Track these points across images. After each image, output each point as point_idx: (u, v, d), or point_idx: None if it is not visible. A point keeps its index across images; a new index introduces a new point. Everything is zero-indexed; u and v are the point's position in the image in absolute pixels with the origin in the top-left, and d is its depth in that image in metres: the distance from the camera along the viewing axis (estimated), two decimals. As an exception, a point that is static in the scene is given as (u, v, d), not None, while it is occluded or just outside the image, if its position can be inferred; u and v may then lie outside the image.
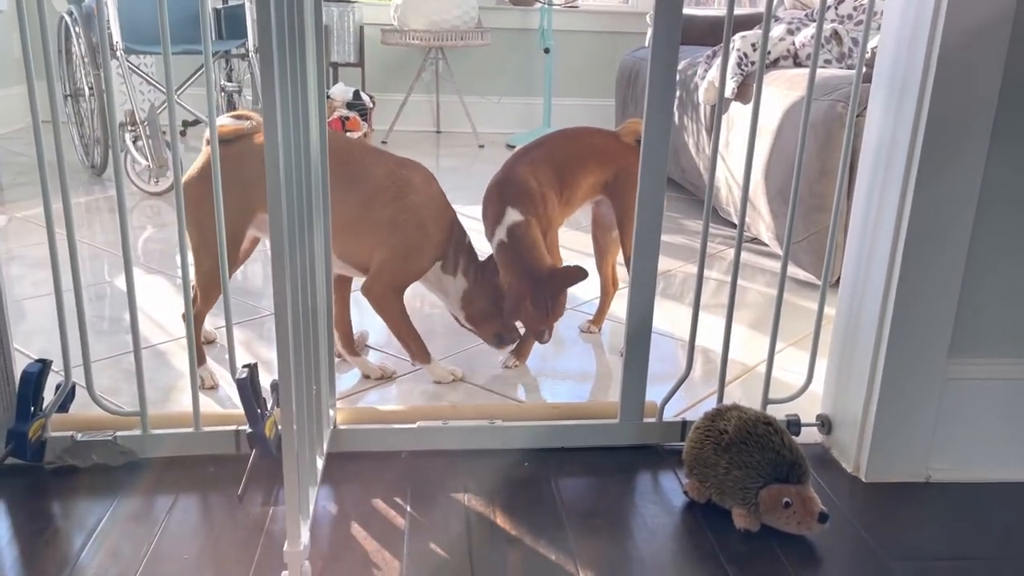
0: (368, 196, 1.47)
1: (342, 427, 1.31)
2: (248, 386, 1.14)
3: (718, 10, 4.03)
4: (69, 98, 3.32)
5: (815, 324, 1.31)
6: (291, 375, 0.97)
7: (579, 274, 1.49)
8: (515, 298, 1.49)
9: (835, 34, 2.46)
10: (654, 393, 1.37)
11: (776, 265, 2.33)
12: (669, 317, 1.94)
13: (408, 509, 1.16)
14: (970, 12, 1.09)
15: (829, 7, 2.81)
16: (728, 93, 2.53)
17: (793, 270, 2.29)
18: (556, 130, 1.75)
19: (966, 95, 1.12)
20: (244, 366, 1.15)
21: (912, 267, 1.18)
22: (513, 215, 1.53)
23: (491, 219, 1.56)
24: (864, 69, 1.96)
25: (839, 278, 1.35)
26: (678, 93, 3.01)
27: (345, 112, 3.57)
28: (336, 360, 1.65)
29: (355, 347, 1.63)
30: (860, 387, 1.26)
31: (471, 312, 1.54)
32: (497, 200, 1.56)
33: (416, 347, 1.54)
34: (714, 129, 1.24)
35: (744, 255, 2.51)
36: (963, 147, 1.14)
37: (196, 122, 3.98)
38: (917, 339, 1.20)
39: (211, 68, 1.17)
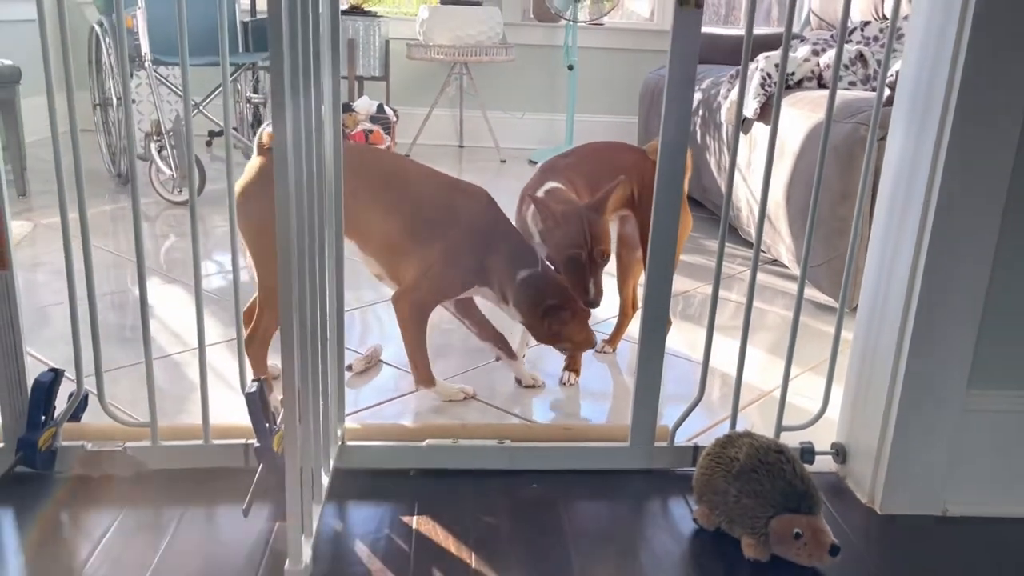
0: (414, 217, 1.49)
1: (350, 443, 1.31)
2: (257, 400, 1.14)
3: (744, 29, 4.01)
4: (98, 107, 3.37)
5: (831, 350, 1.29)
6: (296, 390, 0.97)
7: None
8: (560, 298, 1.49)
9: (860, 56, 2.44)
10: (669, 416, 1.36)
11: (794, 285, 2.31)
12: (687, 339, 1.92)
13: (414, 528, 1.15)
14: (993, 36, 1.08)
15: (855, 29, 2.79)
16: (750, 113, 2.51)
17: (813, 294, 2.27)
18: (586, 143, 1.75)
19: (988, 121, 1.10)
20: (254, 380, 1.15)
21: (931, 294, 1.16)
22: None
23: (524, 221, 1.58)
24: (888, 92, 1.94)
25: (858, 304, 1.33)
26: (701, 112, 3.00)
27: (369, 125, 3.60)
28: (349, 374, 1.66)
29: (513, 353, 1.66)
30: (876, 416, 1.24)
31: (536, 336, 1.53)
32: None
33: (422, 371, 1.54)
34: (732, 149, 1.23)
35: (764, 277, 2.48)
36: (985, 174, 1.12)
37: (222, 132, 4.02)
38: (935, 368, 1.18)
39: (227, 78, 1.18)
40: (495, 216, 1.52)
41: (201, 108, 3.29)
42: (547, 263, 1.52)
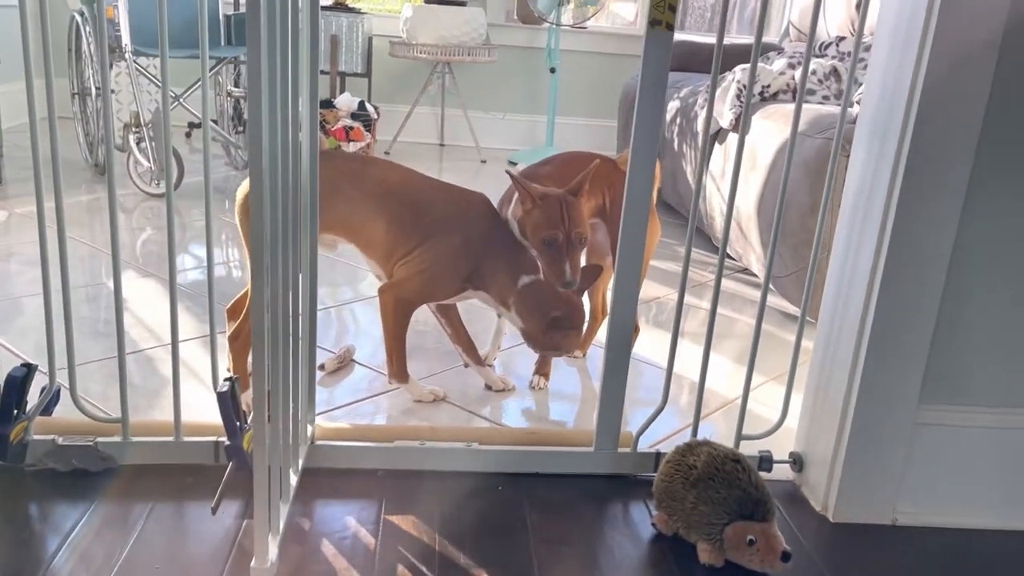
0: (416, 223, 1.51)
1: (320, 443, 1.33)
2: (228, 398, 1.16)
3: (729, 37, 4.05)
4: (76, 96, 3.36)
5: (791, 360, 1.33)
6: (265, 389, 0.99)
7: (594, 272, 1.53)
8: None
9: (834, 71, 2.48)
10: (636, 422, 1.39)
11: (767, 298, 2.35)
12: (659, 345, 1.95)
13: (380, 528, 1.18)
14: (952, 59, 1.11)
15: (830, 44, 2.84)
16: (726, 124, 2.55)
17: (781, 304, 2.31)
18: (561, 153, 1.78)
19: (946, 142, 1.14)
20: (225, 379, 1.17)
21: (887, 309, 1.20)
22: None
23: None
24: (856, 107, 1.98)
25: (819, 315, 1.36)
26: (679, 120, 3.04)
27: (349, 122, 3.61)
28: (321, 374, 1.67)
29: (481, 357, 1.68)
30: (832, 426, 1.28)
31: (531, 343, 1.55)
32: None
33: (397, 366, 1.56)
34: (699, 159, 1.26)
35: (734, 286, 2.52)
36: (941, 193, 1.16)
37: (201, 125, 4.01)
38: (889, 382, 1.22)
39: (207, 71, 1.19)
40: (494, 222, 1.55)
41: (181, 100, 3.29)
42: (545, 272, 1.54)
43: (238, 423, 1.17)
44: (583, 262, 1.83)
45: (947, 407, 1.24)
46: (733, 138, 2.56)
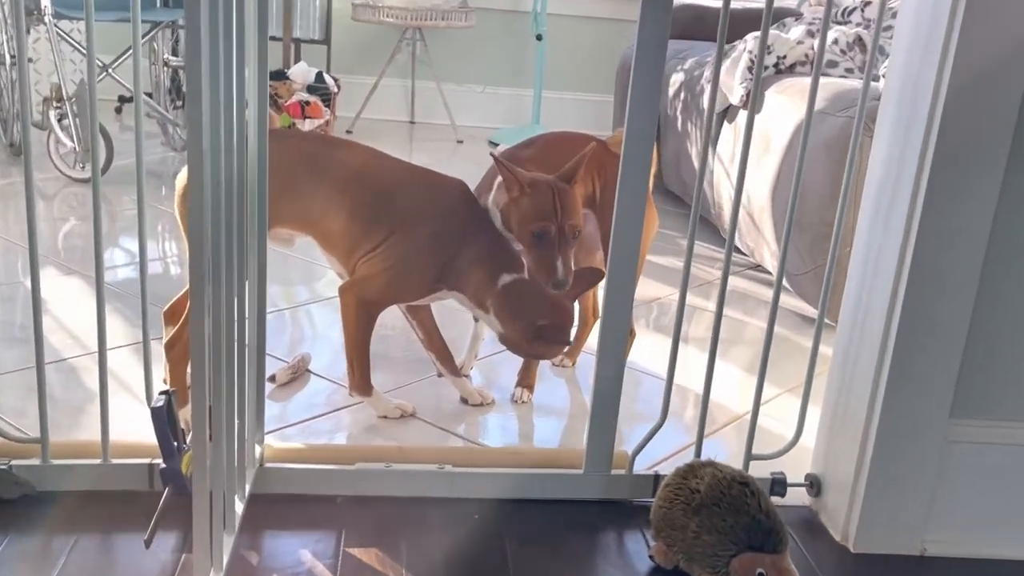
0: (382, 213, 1.52)
1: (270, 465, 1.33)
2: (164, 415, 1.16)
3: (739, 1, 4.07)
4: (-11, 66, 3.33)
5: (807, 370, 1.34)
6: (206, 405, 0.99)
7: (591, 277, 1.54)
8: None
9: (859, 40, 2.51)
10: (633, 440, 1.40)
11: (782, 297, 2.37)
12: (660, 353, 1.97)
13: (339, 563, 1.18)
14: (989, 26, 1.12)
15: (854, 9, 2.86)
16: (736, 100, 2.57)
17: (798, 305, 2.33)
18: (544, 133, 1.78)
19: (982, 122, 1.15)
20: (161, 392, 1.17)
21: (914, 311, 1.22)
22: None
23: None
24: (881, 81, 2.00)
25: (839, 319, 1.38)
26: (683, 95, 3.05)
27: (305, 96, 3.60)
28: (272, 386, 1.67)
29: (457, 367, 1.69)
30: (853, 445, 1.29)
31: (511, 349, 1.56)
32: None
33: (359, 376, 1.56)
34: (704, 141, 1.27)
35: (745, 285, 2.55)
36: (975, 178, 1.17)
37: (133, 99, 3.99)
38: (917, 394, 1.24)
39: (139, 37, 1.19)
40: (472, 211, 1.55)
41: (110, 71, 3.27)
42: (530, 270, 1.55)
43: (175, 443, 1.17)
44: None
45: (982, 422, 1.26)
46: (744, 117, 2.58)
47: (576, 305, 1.87)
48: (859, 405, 1.29)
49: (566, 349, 1.90)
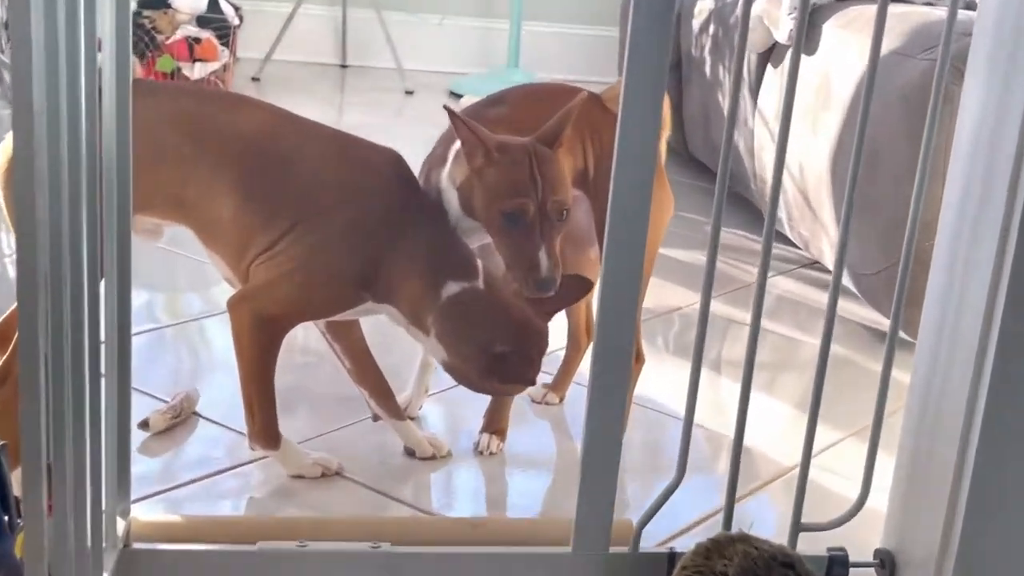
0: (280, 195, 1.52)
1: (138, 546, 1.32)
2: (-11, 479, 1.15)
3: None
4: None
5: (876, 407, 1.34)
6: (43, 464, 0.98)
7: (577, 288, 1.55)
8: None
9: (948, -47, 2.52)
10: (638, 505, 1.40)
11: (848, 305, 2.38)
12: (679, 384, 1.96)
13: None
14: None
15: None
16: (783, 37, 2.58)
17: (868, 316, 2.34)
18: (522, 85, 1.77)
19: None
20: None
21: (1020, 324, 1.22)
22: None
23: None
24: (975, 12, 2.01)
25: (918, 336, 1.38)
26: (712, 30, 3.07)
27: (194, 31, 3.59)
28: (144, 435, 1.65)
29: (400, 408, 1.69)
30: (938, 509, 1.29)
31: (461, 382, 1.55)
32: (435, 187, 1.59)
33: (261, 421, 1.55)
34: (731, 91, 1.27)
35: (797, 289, 2.55)
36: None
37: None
38: (1022, 440, 1.24)
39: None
40: (407, 194, 1.54)
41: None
42: (490, 273, 1.54)
43: (5, 517, 1.16)
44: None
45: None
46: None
47: (564, 319, 1.87)
48: (946, 454, 1.28)
49: (548, 383, 1.90)
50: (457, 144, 1.53)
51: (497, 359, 1.48)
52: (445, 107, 1.50)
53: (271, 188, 1.52)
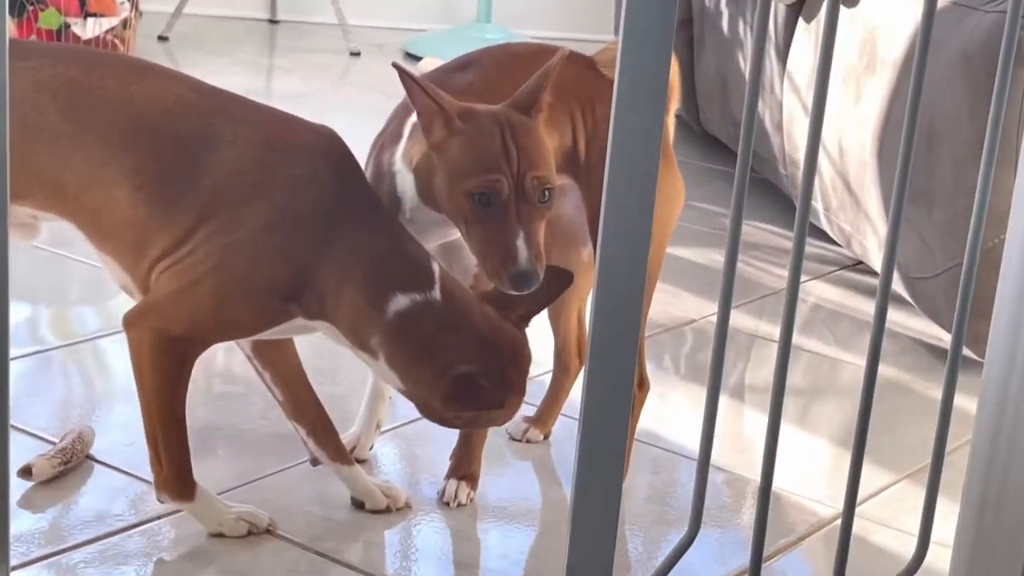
0: (186, 184, 1.52)
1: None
2: None
3: None
4: None
5: (935, 445, 1.35)
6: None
7: (560, 280, 1.56)
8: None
9: None
10: (645, 564, 1.39)
11: (899, 316, 2.39)
12: (694, 413, 1.97)
13: None
14: None
15: None
16: (816, -15, 2.60)
17: (927, 328, 2.35)
18: (495, 46, 1.77)
19: None
20: None
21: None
22: None
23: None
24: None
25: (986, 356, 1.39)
26: (730, -23, 3.08)
27: (89, -17, 3.58)
28: (26, 485, 1.65)
29: (345, 449, 1.69)
30: (1013, 569, 1.30)
31: (425, 414, 1.56)
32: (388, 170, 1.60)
33: (170, 467, 1.55)
34: (754, 51, 1.28)
35: (840, 296, 2.56)
36: None
37: None
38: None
39: None
40: (345, 181, 1.55)
41: None
42: (449, 278, 1.54)
43: None
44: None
45: None
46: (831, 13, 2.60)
47: (550, 336, 1.87)
48: (1022, 500, 1.29)
49: (531, 416, 1.90)
50: (414, 117, 1.54)
51: (461, 382, 1.47)
52: (395, 65, 1.50)
53: (173, 174, 1.51)
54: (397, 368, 1.50)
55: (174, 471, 1.55)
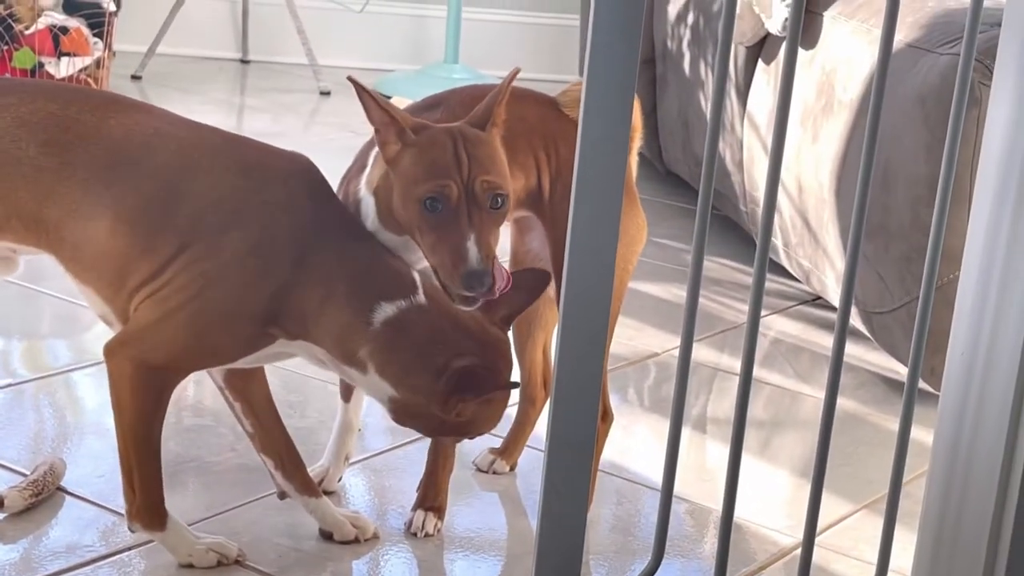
0: (164, 213, 1.52)
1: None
2: None
3: None
4: None
5: (892, 474, 1.35)
6: None
7: (538, 281, 1.58)
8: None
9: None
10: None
11: (857, 350, 2.40)
12: (658, 446, 1.97)
13: None
14: None
15: None
16: (776, 27, 2.61)
17: (884, 363, 2.35)
18: (463, 87, 1.77)
19: None
20: None
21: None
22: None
23: None
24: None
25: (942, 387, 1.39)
26: (691, 19, 3.09)
27: (61, 20, 3.57)
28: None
29: (312, 481, 1.68)
30: (968, 596, 1.30)
31: (411, 425, 1.55)
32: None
33: (143, 496, 1.54)
34: (714, 91, 1.28)
35: (800, 330, 2.57)
36: None
37: None
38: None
39: None
40: (320, 204, 1.55)
41: None
42: (430, 285, 1.54)
43: None
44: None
45: None
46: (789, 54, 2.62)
47: (514, 368, 1.87)
48: (978, 530, 1.29)
49: (496, 448, 1.90)
50: (376, 150, 1.54)
51: (461, 374, 1.47)
52: (350, 79, 1.51)
53: (152, 205, 1.51)
54: (389, 377, 1.50)
55: (147, 500, 1.54)
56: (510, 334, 1.66)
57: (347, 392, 1.77)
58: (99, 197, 1.51)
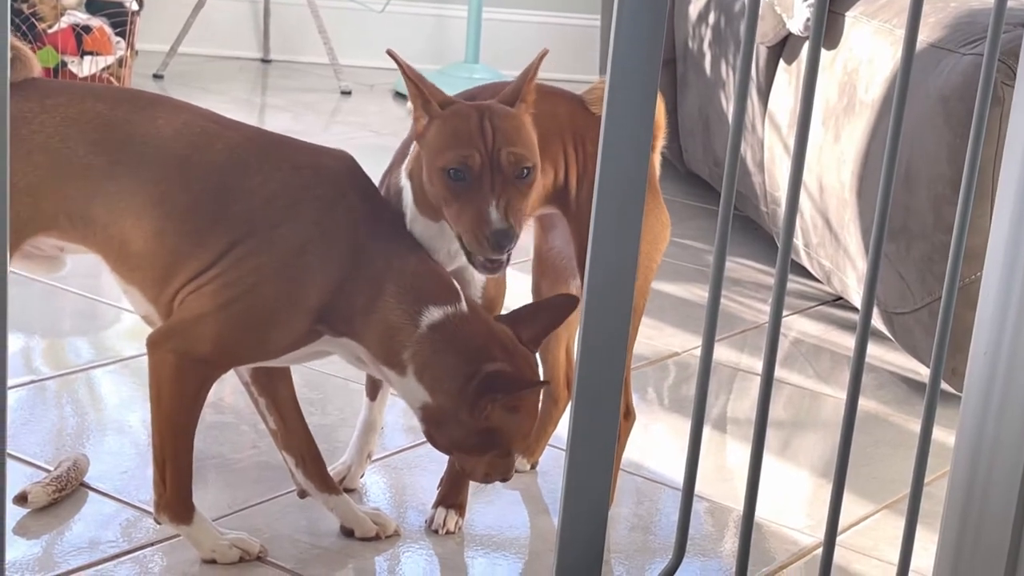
0: (213, 213, 1.53)
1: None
2: None
3: None
4: None
5: (914, 473, 1.35)
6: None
7: (565, 305, 1.58)
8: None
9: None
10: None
11: (879, 351, 2.39)
12: (679, 444, 1.97)
13: None
14: None
15: None
16: (798, 27, 2.61)
17: (905, 363, 2.34)
18: (484, 85, 1.77)
19: None
20: None
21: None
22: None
23: None
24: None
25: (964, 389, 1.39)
26: (712, 19, 3.09)
27: (84, 19, 3.57)
28: (22, 512, 1.64)
29: (332, 479, 1.68)
30: (990, 596, 1.29)
31: (442, 437, 1.55)
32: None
33: (173, 490, 1.54)
34: (737, 91, 1.28)
35: (821, 331, 2.56)
36: None
37: None
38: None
39: None
40: (367, 201, 1.56)
41: None
42: (466, 294, 1.56)
43: None
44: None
45: None
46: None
47: (539, 368, 1.87)
48: (1000, 531, 1.29)
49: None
50: (402, 175, 1.56)
51: (492, 377, 1.48)
52: (389, 51, 1.53)
53: (201, 203, 1.52)
54: (426, 381, 1.51)
55: (177, 494, 1.55)
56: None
57: (373, 390, 1.77)
58: (148, 196, 1.52)
